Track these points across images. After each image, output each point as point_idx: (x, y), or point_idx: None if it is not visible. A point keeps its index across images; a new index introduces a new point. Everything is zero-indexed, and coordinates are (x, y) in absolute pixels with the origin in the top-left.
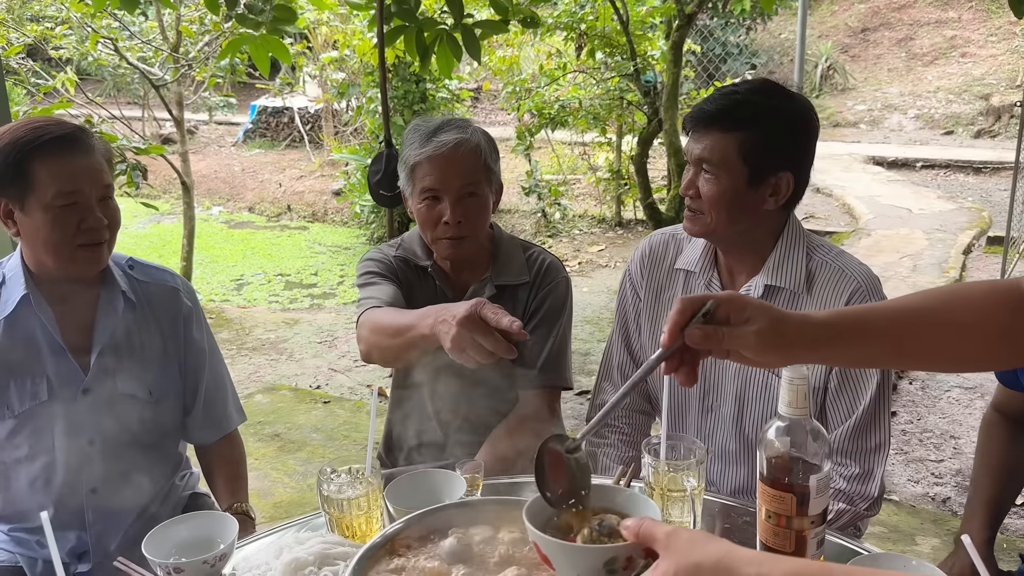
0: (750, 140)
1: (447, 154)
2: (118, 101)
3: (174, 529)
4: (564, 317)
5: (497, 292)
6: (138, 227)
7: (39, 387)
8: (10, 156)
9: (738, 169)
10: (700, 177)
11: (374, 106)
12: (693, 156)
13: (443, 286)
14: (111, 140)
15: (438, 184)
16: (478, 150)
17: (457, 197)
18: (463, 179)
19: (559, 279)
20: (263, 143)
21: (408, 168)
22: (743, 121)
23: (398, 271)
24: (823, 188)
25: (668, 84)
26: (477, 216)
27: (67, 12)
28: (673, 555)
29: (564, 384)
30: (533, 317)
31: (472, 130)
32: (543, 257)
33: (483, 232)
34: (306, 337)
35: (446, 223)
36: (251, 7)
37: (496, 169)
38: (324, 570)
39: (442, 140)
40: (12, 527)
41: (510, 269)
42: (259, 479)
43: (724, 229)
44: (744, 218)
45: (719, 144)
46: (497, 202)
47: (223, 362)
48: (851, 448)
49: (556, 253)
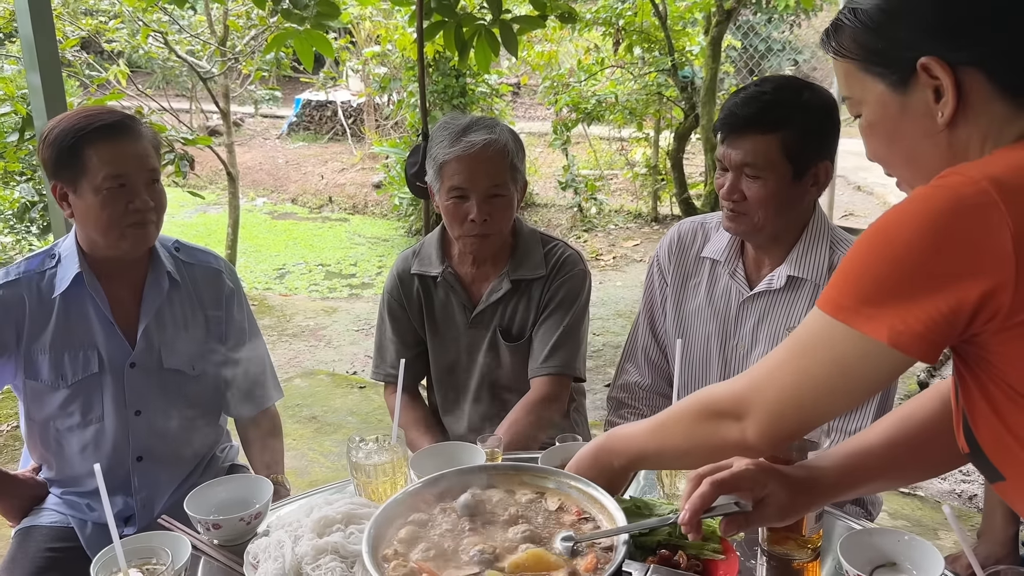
0: (789, 138)
1: (476, 154)
2: (167, 93)
3: (214, 490)
4: (577, 307)
5: (512, 287)
6: (185, 216)
7: (91, 359)
8: (64, 142)
9: (783, 168)
10: (743, 181)
11: (414, 100)
12: (733, 161)
13: (453, 297)
14: (160, 130)
15: (466, 183)
16: (505, 151)
17: (484, 197)
18: (490, 179)
19: (575, 271)
20: (306, 136)
21: (437, 165)
22: (779, 121)
23: (412, 293)
24: (864, 186)
25: (706, 80)
26: (502, 215)
27: (120, 6)
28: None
29: (572, 372)
30: (547, 307)
31: (500, 130)
32: (562, 251)
33: (507, 229)
34: (344, 325)
35: (472, 221)
36: (296, 2)
37: (522, 168)
38: (351, 527)
39: (471, 140)
40: (65, 490)
41: (528, 263)
42: (296, 459)
43: (771, 226)
44: (788, 212)
45: (760, 147)
46: (522, 199)
47: (263, 341)
48: (833, 426)
49: (590, 247)
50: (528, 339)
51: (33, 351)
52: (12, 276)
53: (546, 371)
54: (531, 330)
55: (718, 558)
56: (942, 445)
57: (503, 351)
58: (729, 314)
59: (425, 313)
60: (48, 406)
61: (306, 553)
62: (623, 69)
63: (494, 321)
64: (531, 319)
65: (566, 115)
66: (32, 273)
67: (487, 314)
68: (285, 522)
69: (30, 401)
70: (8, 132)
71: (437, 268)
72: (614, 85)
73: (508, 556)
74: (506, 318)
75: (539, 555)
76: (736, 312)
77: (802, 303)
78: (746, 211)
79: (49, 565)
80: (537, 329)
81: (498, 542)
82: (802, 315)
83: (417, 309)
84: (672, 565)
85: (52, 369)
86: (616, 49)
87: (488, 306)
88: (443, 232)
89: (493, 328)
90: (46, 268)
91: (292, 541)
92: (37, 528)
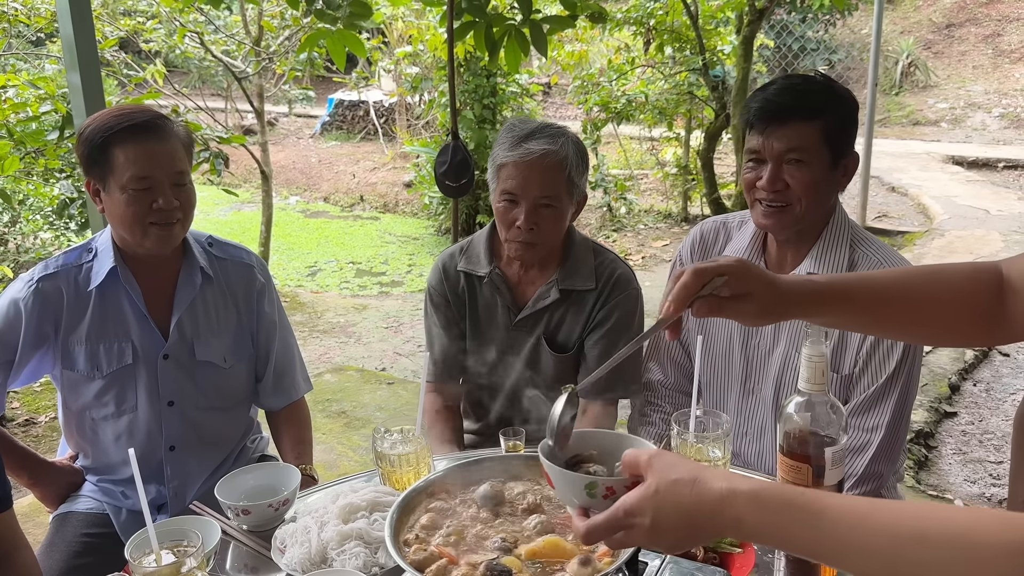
0: (830, 125)
1: (532, 162)
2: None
3: (243, 477)
4: (633, 330)
5: (561, 296)
6: (219, 214)
7: (125, 351)
8: (95, 140)
9: (823, 154)
10: (784, 170)
11: (445, 100)
12: (775, 151)
13: (500, 298)
14: (195, 129)
15: (517, 189)
16: (564, 163)
17: (533, 206)
18: (542, 190)
19: (630, 291)
20: (339, 135)
21: (495, 166)
22: (818, 109)
23: (457, 289)
24: (898, 187)
25: (738, 79)
26: (551, 226)
27: (157, 7)
28: (656, 474)
29: (630, 395)
30: (599, 327)
31: (563, 141)
32: (614, 267)
33: (556, 240)
34: (374, 322)
35: (518, 227)
36: (329, 3)
37: (580, 182)
38: (375, 514)
39: (530, 148)
40: (100, 478)
41: (578, 274)
42: (325, 452)
43: (811, 217)
44: (824, 202)
45: (803, 133)
46: (578, 212)
47: (293, 335)
48: (850, 423)
49: (619, 247)
50: (574, 351)
51: (70, 342)
52: (51, 269)
53: (607, 396)
54: (577, 342)
55: (735, 551)
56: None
57: (545, 358)
58: None
59: (468, 310)
60: (84, 396)
61: (331, 539)
62: (654, 69)
63: (539, 328)
64: (579, 331)
65: (596, 115)
66: (70, 267)
67: (532, 319)
68: (311, 509)
69: (67, 391)
70: (49, 130)
71: (485, 268)
72: (644, 84)
73: (525, 544)
74: (552, 326)
75: (556, 543)
76: None
77: None
78: (788, 201)
79: (85, 550)
80: (590, 346)
81: (517, 530)
82: None
83: (460, 304)
84: (689, 557)
85: (88, 360)
86: (647, 49)
87: (534, 312)
88: (492, 232)
89: (538, 335)
90: (83, 262)
91: (318, 527)
92: (73, 514)
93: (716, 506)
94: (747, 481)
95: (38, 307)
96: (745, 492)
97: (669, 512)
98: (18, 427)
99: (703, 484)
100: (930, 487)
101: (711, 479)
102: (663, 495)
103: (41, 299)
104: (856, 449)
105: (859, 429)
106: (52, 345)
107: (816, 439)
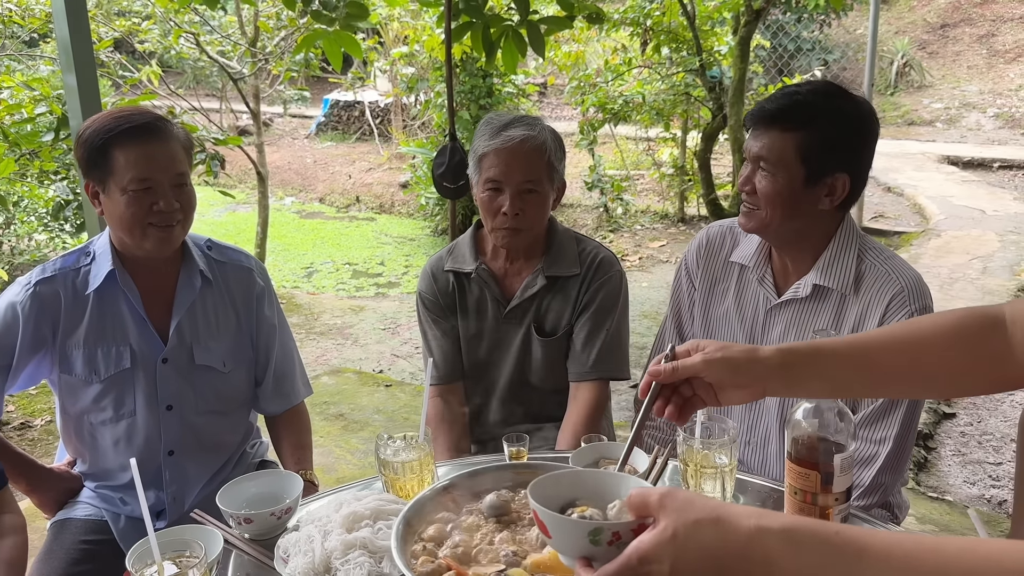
0: (808, 140)
1: (513, 148)
2: (198, 93)
3: (245, 485)
4: (617, 311)
5: (548, 283)
6: (215, 215)
7: (123, 355)
8: (95, 142)
9: (795, 169)
10: (757, 174)
11: (441, 100)
12: (752, 153)
13: (487, 292)
14: (191, 130)
15: (501, 176)
16: (543, 148)
17: (517, 191)
18: (525, 175)
19: (613, 272)
20: (334, 136)
21: (476, 157)
22: (802, 121)
23: (447, 289)
24: (894, 187)
25: (734, 80)
26: (535, 211)
27: (152, 7)
28: (671, 515)
29: (620, 376)
30: (585, 310)
31: (540, 128)
32: (597, 251)
33: (540, 226)
34: (371, 324)
35: (504, 214)
36: (325, 4)
37: (560, 168)
38: (379, 523)
39: (510, 135)
40: (98, 484)
41: (562, 261)
42: (323, 455)
43: (778, 226)
44: (798, 217)
45: (777, 143)
46: (558, 199)
47: (292, 338)
48: (858, 434)
49: (616, 248)
50: (561, 336)
51: (68, 346)
52: (48, 273)
53: (595, 375)
54: (566, 327)
55: None
56: (948, 349)
57: (535, 346)
58: (756, 320)
59: (459, 308)
60: (82, 400)
61: (335, 548)
62: (650, 69)
63: (528, 316)
64: (566, 317)
65: (593, 115)
66: (67, 270)
67: (521, 309)
68: (315, 517)
69: (64, 395)
70: (44, 132)
71: (471, 264)
72: (641, 85)
73: (531, 555)
74: (540, 313)
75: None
76: (764, 319)
77: (827, 313)
78: (757, 205)
79: (83, 557)
80: (578, 330)
81: (523, 539)
82: (826, 325)
83: (451, 303)
84: None
85: (85, 364)
86: (644, 49)
87: (522, 301)
88: (476, 230)
89: (527, 324)
90: (81, 265)
91: (322, 536)
92: (72, 521)
93: (744, 547)
94: (777, 517)
95: (35, 311)
96: (776, 530)
97: (691, 558)
98: (13, 430)
99: (728, 523)
100: (929, 488)
101: (736, 517)
102: (683, 539)
103: (39, 303)
104: (863, 461)
105: (867, 441)
106: (50, 349)
107: (825, 445)
